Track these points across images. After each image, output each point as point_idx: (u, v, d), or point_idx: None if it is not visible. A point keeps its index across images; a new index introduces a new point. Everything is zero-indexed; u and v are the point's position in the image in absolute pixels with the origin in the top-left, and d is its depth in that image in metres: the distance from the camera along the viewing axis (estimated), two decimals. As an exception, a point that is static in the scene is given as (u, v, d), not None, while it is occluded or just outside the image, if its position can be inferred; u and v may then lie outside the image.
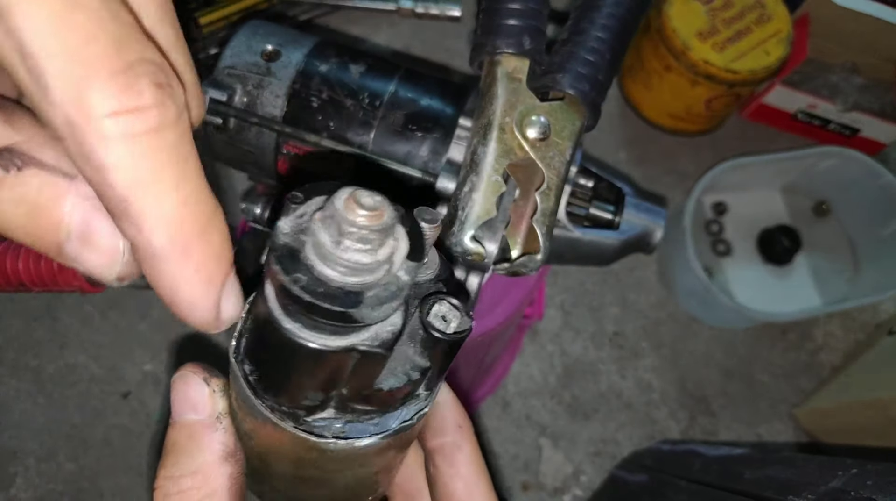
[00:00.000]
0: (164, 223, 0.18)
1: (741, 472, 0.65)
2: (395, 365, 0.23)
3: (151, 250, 0.19)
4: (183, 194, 0.18)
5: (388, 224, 0.20)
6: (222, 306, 0.21)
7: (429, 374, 0.24)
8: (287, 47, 0.44)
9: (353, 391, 0.23)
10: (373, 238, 0.19)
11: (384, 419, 0.25)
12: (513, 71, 0.40)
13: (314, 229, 0.20)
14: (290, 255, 0.20)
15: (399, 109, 0.43)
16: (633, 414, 1.02)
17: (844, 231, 1.13)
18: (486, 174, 0.39)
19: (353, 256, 0.19)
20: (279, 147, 0.44)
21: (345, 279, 0.20)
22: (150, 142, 0.17)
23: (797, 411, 1.03)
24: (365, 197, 0.19)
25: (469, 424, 0.31)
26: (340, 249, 0.19)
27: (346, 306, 0.20)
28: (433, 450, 0.30)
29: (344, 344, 0.21)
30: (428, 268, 0.25)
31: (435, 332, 0.23)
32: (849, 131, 1.14)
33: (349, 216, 0.19)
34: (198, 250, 0.19)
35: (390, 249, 0.20)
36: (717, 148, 1.17)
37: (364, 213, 0.19)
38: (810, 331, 1.09)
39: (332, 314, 0.20)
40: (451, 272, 0.26)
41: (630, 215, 0.45)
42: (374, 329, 0.22)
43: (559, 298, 1.06)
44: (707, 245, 1.11)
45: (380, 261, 0.20)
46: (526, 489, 0.97)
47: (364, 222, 0.19)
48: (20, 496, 0.90)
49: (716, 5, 1.02)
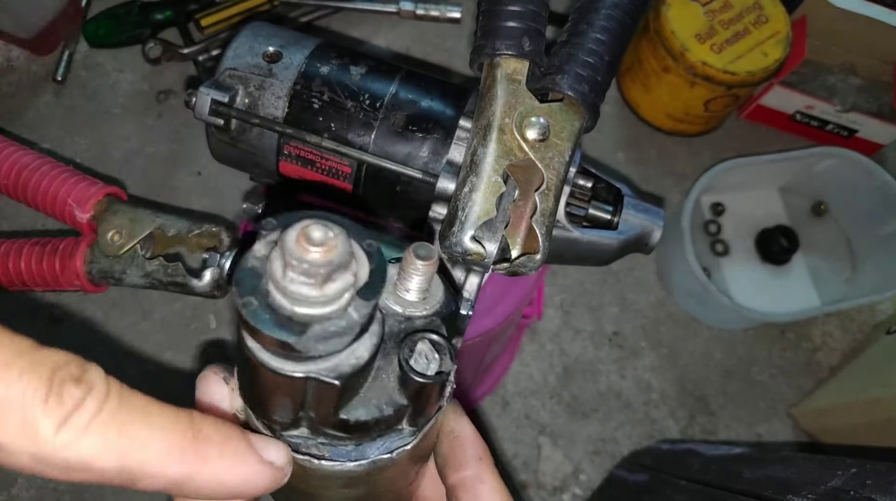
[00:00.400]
0: (171, 462, 0.20)
1: (740, 471, 0.66)
2: (370, 397, 0.24)
3: (183, 482, 0.21)
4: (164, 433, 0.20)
5: (338, 261, 0.19)
6: (266, 456, 0.23)
7: (408, 412, 0.24)
8: (288, 49, 0.45)
9: (319, 415, 0.23)
10: (318, 273, 0.19)
11: (362, 448, 0.25)
12: (512, 73, 0.41)
13: (271, 257, 0.20)
14: (253, 278, 0.20)
15: (399, 111, 0.43)
16: (633, 414, 1.02)
17: (842, 231, 1.14)
18: (486, 175, 0.39)
19: (298, 288, 0.20)
20: (280, 148, 0.44)
21: (293, 309, 0.20)
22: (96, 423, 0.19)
23: (796, 410, 1.04)
24: (316, 232, 0.19)
25: (489, 456, 0.30)
26: (287, 279, 0.20)
27: (288, 336, 0.20)
28: (455, 486, 0.29)
29: (298, 370, 0.21)
30: (427, 304, 0.25)
31: (411, 372, 0.23)
32: (846, 132, 1.15)
33: (295, 249, 0.19)
34: (206, 449, 0.21)
35: (342, 284, 0.20)
36: (716, 149, 1.17)
37: (311, 248, 0.19)
38: (809, 331, 1.09)
39: (272, 340, 0.20)
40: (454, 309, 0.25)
41: (629, 215, 0.45)
42: (335, 360, 0.22)
43: (558, 297, 1.07)
44: (705, 245, 1.12)
45: (328, 295, 0.20)
46: (525, 488, 0.97)
47: (308, 256, 0.19)
48: (22, 495, 0.90)
49: (714, 7, 1.02)
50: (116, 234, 0.47)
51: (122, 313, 0.99)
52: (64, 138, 1.06)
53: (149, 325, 0.99)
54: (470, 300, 0.41)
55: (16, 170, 0.49)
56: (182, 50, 1.08)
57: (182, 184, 1.06)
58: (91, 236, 0.48)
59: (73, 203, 0.48)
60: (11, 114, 1.07)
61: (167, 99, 1.10)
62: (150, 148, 1.07)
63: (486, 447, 0.31)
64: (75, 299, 0.98)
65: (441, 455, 0.30)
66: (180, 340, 0.99)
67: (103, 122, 1.08)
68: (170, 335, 0.99)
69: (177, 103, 1.10)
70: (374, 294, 0.21)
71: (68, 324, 0.98)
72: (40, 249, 0.49)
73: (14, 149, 0.50)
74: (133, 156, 1.07)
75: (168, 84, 1.11)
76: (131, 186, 1.05)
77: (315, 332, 0.20)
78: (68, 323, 0.98)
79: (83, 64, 1.11)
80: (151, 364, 0.97)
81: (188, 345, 0.98)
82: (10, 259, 0.49)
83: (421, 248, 0.23)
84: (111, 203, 0.48)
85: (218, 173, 1.06)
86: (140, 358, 0.97)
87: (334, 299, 0.20)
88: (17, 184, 0.49)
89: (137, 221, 0.47)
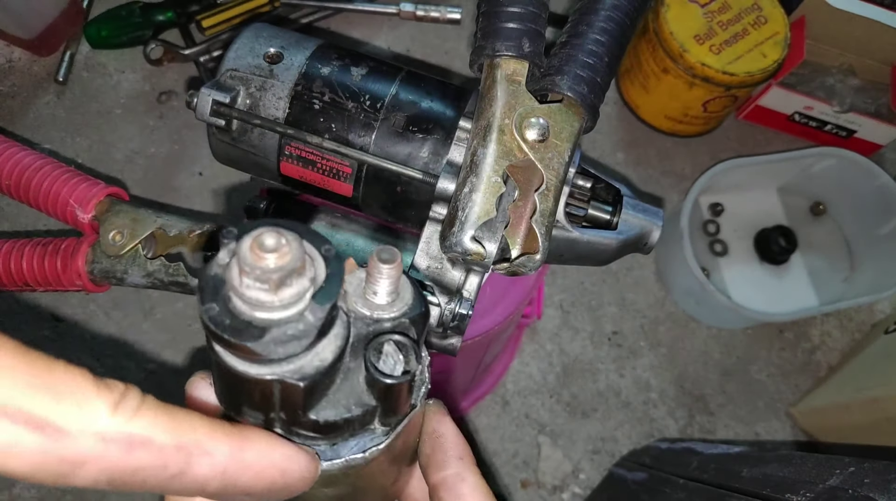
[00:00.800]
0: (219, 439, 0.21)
1: (739, 470, 0.66)
2: (339, 398, 0.24)
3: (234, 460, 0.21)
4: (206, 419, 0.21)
5: (291, 267, 0.20)
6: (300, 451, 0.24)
7: (378, 412, 0.25)
8: (289, 50, 0.45)
9: (288, 416, 0.24)
10: (271, 278, 0.20)
11: (336, 448, 0.26)
12: (512, 73, 0.41)
13: (230, 265, 0.21)
14: (215, 286, 0.21)
15: (400, 111, 0.44)
16: (632, 413, 1.03)
17: (841, 231, 1.14)
18: (486, 175, 0.39)
19: (254, 293, 0.20)
20: (282, 149, 0.45)
21: (252, 314, 0.21)
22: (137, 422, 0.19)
23: (794, 409, 1.04)
24: (269, 239, 0.20)
25: (471, 455, 0.31)
26: (243, 286, 0.20)
27: (246, 340, 0.20)
28: (437, 484, 0.30)
29: (262, 372, 0.22)
30: (395, 306, 0.25)
31: (376, 373, 0.23)
32: (845, 132, 1.15)
33: (249, 256, 0.20)
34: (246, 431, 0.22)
35: (298, 288, 0.21)
36: (714, 149, 1.18)
37: (263, 254, 0.20)
38: (807, 331, 1.10)
39: (233, 344, 0.21)
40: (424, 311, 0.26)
41: (628, 215, 0.46)
42: (299, 362, 0.22)
43: (558, 297, 1.07)
44: (704, 245, 1.12)
45: (283, 300, 0.21)
46: (525, 486, 0.97)
47: (261, 263, 0.20)
48: (23, 494, 0.90)
49: (713, 8, 1.02)
50: (118, 234, 0.47)
51: (124, 312, 0.99)
52: (65, 139, 1.07)
53: (150, 324, 0.99)
54: (470, 300, 0.42)
55: (17, 170, 0.49)
56: (183, 51, 1.08)
57: (183, 184, 1.06)
58: (93, 236, 0.48)
59: (74, 203, 0.48)
60: (13, 114, 1.07)
61: (168, 100, 1.10)
62: (152, 149, 1.08)
63: (468, 447, 0.31)
64: (77, 298, 0.98)
65: (423, 454, 0.31)
66: (181, 339, 0.99)
67: (105, 122, 1.08)
68: (171, 335, 0.99)
69: (178, 104, 1.10)
70: (329, 298, 0.22)
71: (70, 324, 0.98)
72: (42, 249, 0.49)
73: (16, 149, 0.50)
74: (134, 156, 1.07)
75: (169, 85, 1.11)
76: (133, 187, 1.05)
77: (273, 336, 0.21)
78: (70, 323, 0.98)
79: (84, 65, 1.11)
80: (153, 364, 0.97)
81: (189, 345, 0.99)
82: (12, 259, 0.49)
83: (384, 252, 0.24)
84: (113, 203, 0.48)
85: (219, 174, 1.06)
86: (141, 357, 0.97)
87: (290, 303, 0.21)
88: (18, 184, 0.49)
89: (139, 221, 0.47)
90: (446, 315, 0.41)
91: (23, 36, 1.06)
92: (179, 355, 0.98)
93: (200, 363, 0.98)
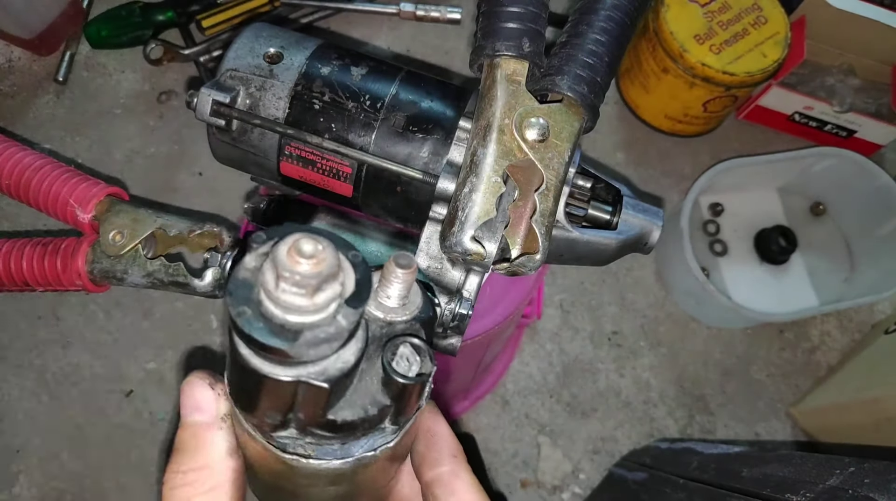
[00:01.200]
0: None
1: (739, 470, 0.66)
2: (355, 398, 0.25)
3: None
4: None
5: (327, 273, 0.21)
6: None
7: (390, 411, 0.26)
8: (289, 50, 0.45)
9: (307, 416, 0.25)
10: (309, 284, 0.20)
11: (347, 447, 0.26)
12: (512, 73, 0.41)
13: (263, 269, 0.21)
14: (245, 289, 0.22)
15: (400, 111, 0.43)
16: (632, 413, 1.03)
17: (840, 231, 1.14)
18: (486, 175, 0.39)
19: (290, 298, 0.21)
20: (281, 148, 0.45)
21: (285, 317, 0.21)
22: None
23: (794, 409, 1.04)
24: (306, 245, 0.20)
25: (463, 454, 0.32)
26: (279, 290, 0.21)
27: (281, 342, 0.21)
28: (431, 482, 0.31)
29: (289, 374, 0.22)
30: (407, 309, 0.26)
31: (393, 374, 0.24)
32: (845, 133, 1.15)
33: (287, 262, 0.20)
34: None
35: (331, 293, 0.21)
36: (714, 149, 1.18)
37: (301, 260, 0.20)
38: (807, 331, 1.10)
39: (267, 347, 0.21)
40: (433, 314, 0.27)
41: (628, 215, 0.45)
42: (323, 364, 0.23)
43: (558, 297, 1.07)
44: (704, 245, 1.12)
45: (317, 304, 0.21)
46: (525, 486, 0.97)
47: (299, 268, 0.20)
48: (23, 494, 0.91)
49: (713, 8, 1.02)
50: (118, 234, 0.47)
51: (124, 312, 0.99)
52: (65, 139, 1.07)
53: (150, 324, 0.99)
54: (470, 300, 0.42)
55: (17, 170, 0.49)
56: (183, 51, 1.08)
57: (183, 184, 1.06)
58: (93, 235, 0.48)
59: (74, 203, 0.48)
60: (13, 114, 1.07)
61: (168, 100, 1.10)
62: (152, 148, 1.08)
63: (460, 445, 0.32)
64: (77, 298, 0.98)
65: (418, 452, 0.32)
66: (181, 339, 0.99)
67: (105, 122, 1.08)
68: (171, 335, 0.99)
69: (178, 104, 1.10)
70: (360, 302, 0.22)
71: (70, 324, 0.98)
72: (42, 249, 0.49)
73: (15, 149, 0.50)
74: (134, 156, 1.07)
75: (169, 85, 1.11)
76: (133, 187, 1.05)
77: (306, 339, 0.21)
78: (70, 323, 0.98)
79: (85, 65, 1.11)
80: (153, 363, 0.97)
81: (189, 344, 0.99)
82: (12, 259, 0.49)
83: (402, 258, 0.25)
84: (113, 203, 0.48)
85: (219, 174, 1.06)
86: (141, 357, 0.98)
87: (323, 307, 0.21)
88: (18, 184, 0.49)
89: (139, 221, 0.47)
90: (446, 315, 0.41)
91: (23, 36, 1.06)
92: (179, 355, 0.98)
93: (200, 363, 0.98)
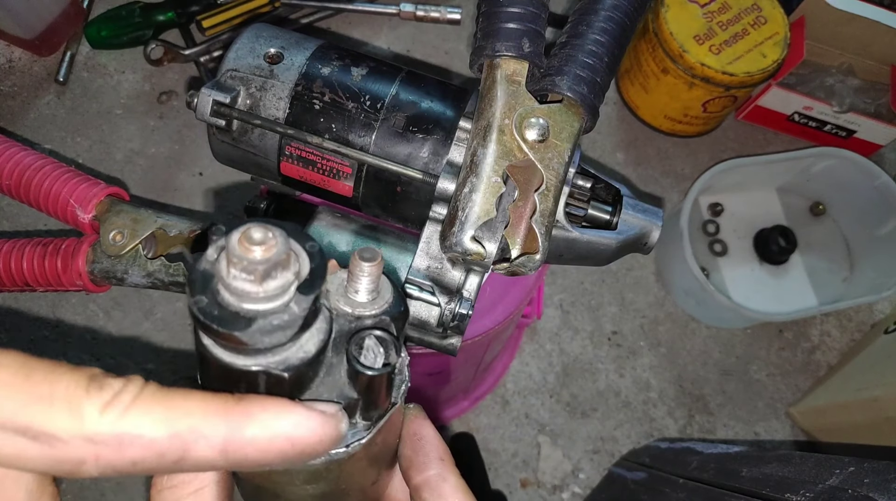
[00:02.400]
0: (217, 422, 0.21)
1: (739, 470, 0.66)
2: (322, 391, 0.25)
3: (234, 439, 0.22)
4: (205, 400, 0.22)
5: (276, 259, 0.21)
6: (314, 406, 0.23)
7: (359, 406, 0.26)
8: (290, 50, 0.45)
9: None
10: (257, 269, 0.21)
11: None
12: (512, 74, 0.41)
13: (219, 259, 0.22)
14: (204, 280, 0.22)
15: (400, 111, 0.44)
16: (632, 412, 1.03)
17: (840, 231, 1.14)
18: (486, 175, 0.39)
19: (241, 284, 0.21)
20: (282, 149, 0.45)
21: (239, 305, 0.21)
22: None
23: (794, 409, 1.04)
24: (256, 233, 0.21)
25: (451, 457, 0.32)
26: (231, 277, 0.21)
27: (233, 329, 0.21)
28: (419, 486, 0.31)
29: (249, 364, 0.23)
30: (376, 304, 0.26)
31: (357, 365, 0.24)
32: (845, 133, 1.15)
33: (237, 249, 0.21)
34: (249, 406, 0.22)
35: (283, 281, 0.22)
36: (714, 149, 1.18)
37: (252, 247, 0.21)
38: (807, 331, 1.10)
39: (221, 333, 0.21)
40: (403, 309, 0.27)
41: (628, 215, 0.46)
42: (284, 354, 0.23)
43: (558, 297, 1.07)
44: (704, 245, 1.12)
45: (268, 291, 0.21)
46: (525, 486, 0.97)
47: (249, 254, 0.21)
48: (23, 494, 0.90)
49: (712, 8, 1.03)
50: (118, 234, 0.47)
51: (124, 312, 0.99)
52: (66, 139, 1.07)
53: (150, 324, 0.99)
54: (470, 300, 0.42)
55: (18, 170, 0.49)
56: (184, 51, 1.09)
57: (184, 184, 1.06)
58: (93, 236, 0.48)
59: (75, 203, 0.48)
60: (13, 114, 1.07)
61: (169, 100, 1.11)
62: (152, 149, 1.08)
63: (448, 449, 0.32)
64: (77, 298, 0.98)
65: (405, 457, 0.32)
66: (182, 339, 0.99)
67: (105, 123, 1.08)
68: (171, 335, 0.99)
69: (178, 104, 1.10)
70: (313, 289, 0.23)
71: (70, 324, 0.98)
72: (42, 249, 0.49)
73: (16, 149, 0.50)
74: (135, 157, 1.07)
75: (170, 85, 1.11)
76: (133, 187, 1.05)
77: (260, 326, 0.22)
78: (70, 323, 0.98)
79: (85, 65, 1.11)
80: (153, 363, 0.97)
81: (189, 345, 0.99)
82: (13, 259, 0.49)
83: (366, 251, 0.25)
84: (113, 203, 0.48)
85: (219, 174, 1.06)
86: (141, 357, 0.98)
87: (276, 295, 0.22)
88: (19, 184, 0.49)
89: (139, 221, 0.47)
90: (446, 315, 0.41)
91: (23, 36, 1.06)
92: (179, 355, 0.98)
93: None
